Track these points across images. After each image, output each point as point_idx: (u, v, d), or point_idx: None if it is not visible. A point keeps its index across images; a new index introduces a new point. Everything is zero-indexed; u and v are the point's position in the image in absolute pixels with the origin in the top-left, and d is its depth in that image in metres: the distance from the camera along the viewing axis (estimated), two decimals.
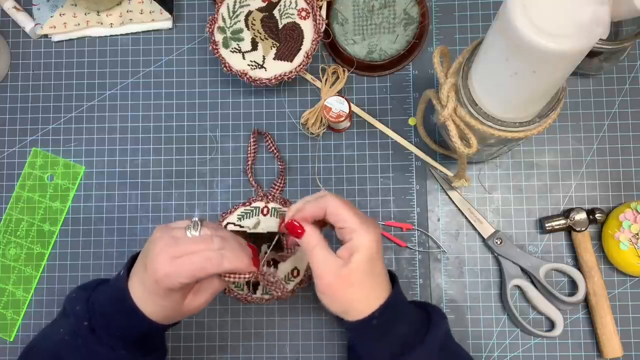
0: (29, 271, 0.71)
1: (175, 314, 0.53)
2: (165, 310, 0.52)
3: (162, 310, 0.52)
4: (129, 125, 0.73)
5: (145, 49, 0.74)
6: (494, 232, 0.67)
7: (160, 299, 0.51)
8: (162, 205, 0.71)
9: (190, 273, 0.49)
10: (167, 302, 0.51)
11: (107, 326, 0.52)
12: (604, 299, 0.64)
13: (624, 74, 0.69)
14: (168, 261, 0.49)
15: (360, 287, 0.50)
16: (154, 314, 0.51)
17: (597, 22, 0.41)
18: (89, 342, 0.51)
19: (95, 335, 0.51)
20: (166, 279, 0.49)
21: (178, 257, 0.49)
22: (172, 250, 0.49)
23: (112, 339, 0.52)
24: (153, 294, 0.50)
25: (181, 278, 0.49)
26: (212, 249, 0.50)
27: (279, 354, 0.68)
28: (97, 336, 0.51)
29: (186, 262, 0.49)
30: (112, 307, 0.52)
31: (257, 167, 0.71)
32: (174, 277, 0.49)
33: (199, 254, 0.49)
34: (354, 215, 0.50)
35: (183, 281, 0.49)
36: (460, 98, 0.53)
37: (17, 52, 0.74)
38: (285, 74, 0.67)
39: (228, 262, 0.50)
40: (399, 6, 0.70)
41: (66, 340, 0.52)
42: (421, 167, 0.70)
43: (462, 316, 0.67)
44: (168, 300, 0.51)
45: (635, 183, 0.68)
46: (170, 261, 0.49)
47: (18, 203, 0.72)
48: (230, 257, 0.50)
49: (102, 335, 0.52)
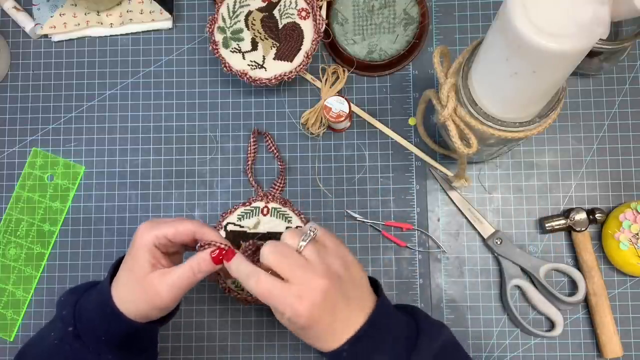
0: (29, 271, 0.71)
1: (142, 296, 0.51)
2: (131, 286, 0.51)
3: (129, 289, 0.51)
4: (129, 125, 0.73)
5: (145, 49, 0.74)
6: (494, 232, 0.67)
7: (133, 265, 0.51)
8: (162, 205, 0.71)
9: (170, 224, 0.51)
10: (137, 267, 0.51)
11: (93, 331, 0.51)
12: (604, 299, 0.64)
13: (624, 74, 0.69)
14: (150, 223, 0.52)
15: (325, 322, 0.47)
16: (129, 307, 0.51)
17: (597, 22, 0.41)
18: (75, 348, 0.51)
19: (81, 341, 0.51)
20: (145, 230, 0.51)
21: (160, 222, 0.52)
22: (156, 220, 0.53)
23: (97, 344, 0.51)
24: (129, 258, 0.52)
25: (161, 229, 0.51)
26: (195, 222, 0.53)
27: (279, 354, 0.68)
28: (82, 342, 0.51)
29: (167, 220, 0.52)
30: (96, 311, 0.52)
31: (257, 167, 0.71)
32: (154, 227, 0.51)
33: (181, 218, 0.53)
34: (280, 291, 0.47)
35: (163, 232, 0.51)
36: (460, 98, 0.53)
37: (17, 52, 0.74)
38: (285, 74, 0.67)
39: (209, 230, 0.52)
40: (399, 6, 0.70)
41: (56, 344, 0.52)
42: (421, 167, 0.70)
43: (462, 316, 0.67)
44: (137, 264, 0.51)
45: (635, 183, 0.68)
46: (152, 223, 0.52)
47: (18, 203, 0.72)
48: (213, 229, 0.53)
49: (88, 340, 0.51)
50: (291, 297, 0.46)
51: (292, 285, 0.47)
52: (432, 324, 0.52)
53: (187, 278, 0.51)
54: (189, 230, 0.52)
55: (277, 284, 0.47)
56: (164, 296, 0.51)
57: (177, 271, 0.51)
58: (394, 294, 0.68)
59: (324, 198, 0.70)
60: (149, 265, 0.51)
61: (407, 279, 0.68)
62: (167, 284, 0.51)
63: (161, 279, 0.51)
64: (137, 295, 0.51)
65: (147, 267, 0.51)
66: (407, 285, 0.68)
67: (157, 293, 0.51)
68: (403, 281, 0.68)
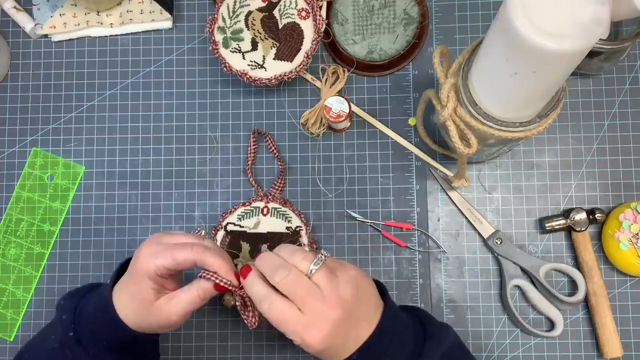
0: (29, 271, 0.71)
1: (151, 320, 0.51)
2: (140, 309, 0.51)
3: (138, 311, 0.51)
4: (129, 125, 0.73)
5: (145, 49, 0.74)
6: (494, 232, 0.67)
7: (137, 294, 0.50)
8: (162, 205, 0.71)
9: (170, 253, 0.49)
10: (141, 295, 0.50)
11: (93, 336, 0.51)
12: (604, 299, 0.64)
13: (624, 74, 0.69)
14: (154, 242, 0.50)
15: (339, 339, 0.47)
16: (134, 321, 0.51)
17: (597, 22, 0.41)
18: (75, 353, 0.51)
19: (82, 347, 0.51)
20: (146, 259, 0.49)
21: (162, 244, 0.50)
22: (161, 237, 0.51)
23: (98, 349, 0.51)
24: (131, 284, 0.50)
25: (161, 259, 0.49)
26: (200, 242, 0.51)
27: (279, 354, 0.68)
28: (83, 347, 0.51)
29: (169, 247, 0.50)
30: (96, 317, 0.51)
31: (257, 167, 0.71)
32: (154, 256, 0.49)
33: (185, 239, 0.50)
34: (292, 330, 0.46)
35: (162, 262, 0.49)
36: (460, 98, 0.53)
37: (17, 52, 0.74)
38: (285, 74, 0.67)
39: (211, 256, 0.50)
40: (399, 6, 0.70)
41: (56, 348, 0.52)
42: (421, 167, 0.70)
43: (462, 316, 0.67)
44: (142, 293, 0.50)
45: (635, 183, 0.68)
46: (156, 243, 0.50)
47: (18, 203, 0.72)
48: (214, 253, 0.50)
49: (88, 345, 0.51)
50: (302, 327, 0.46)
51: (304, 316, 0.46)
52: (438, 326, 0.52)
53: (196, 303, 0.51)
54: (189, 261, 0.50)
55: (288, 312, 0.46)
56: (176, 321, 0.51)
57: (185, 297, 0.51)
58: (394, 294, 0.68)
59: (324, 198, 0.70)
60: (153, 292, 0.51)
61: (407, 279, 0.68)
62: (178, 311, 0.51)
63: (170, 306, 0.51)
64: (145, 319, 0.51)
65: (151, 295, 0.51)
66: (407, 285, 0.68)
67: (168, 319, 0.51)
68: (403, 281, 0.68)
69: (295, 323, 0.46)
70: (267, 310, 0.47)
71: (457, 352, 0.52)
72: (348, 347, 0.47)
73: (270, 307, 0.47)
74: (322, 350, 0.46)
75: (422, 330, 0.51)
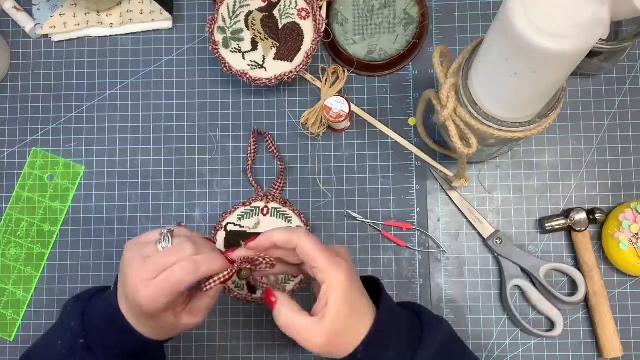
0: (29, 271, 0.71)
1: (171, 331, 0.53)
2: (158, 330, 0.51)
3: (155, 330, 0.51)
4: (129, 125, 0.73)
5: (145, 49, 0.74)
6: (494, 232, 0.67)
7: (152, 321, 0.50)
8: (162, 205, 0.71)
9: (169, 291, 0.47)
10: (159, 323, 0.50)
11: (103, 343, 0.51)
12: (604, 299, 0.64)
13: (624, 74, 0.69)
14: (145, 285, 0.47)
15: (343, 332, 0.48)
16: (149, 334, 0.51)
17: (597, 22, 0.41)
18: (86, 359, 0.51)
19: (92, 353, 0.51)
20: (149, 303, 0.48)
21: (153, 278, 0.47)
22: (145, 273, 0.48)
23: (109, 355, 0.51)
24: (142, 318, 0.50)
25: (162, 298, 0.47)
26: (185, 257, 0.48)
27: (279, 354, 0.68)
28: (93, 354, 0.51)
29: (162, 281, 0.47)
30: (106, 325, 0.51)
31: (257, 167, 0.71)
32: (155, 299, 0.47)
33: (174, 268, 0.48)
34: (322, 257, 0.48)
35: (165, 301, 0.48)
36: (460, 98, 0.53)
37: (17, 52, 0.74)
38: (285, 74, 0.67)
39: (204, 266, 0.49)
40: (399, 6, 0.70)
41: (64, 354, 0.51)
42: (421, 167, 0.70)
43: (462, 316, 0.67)
44: (159, 321, 0.50)
45: (635, 183, 0.68)
46: (147, 285, 0.47)
47: (18, 203, 0.72)
48: (205, 260, 0.49)
49: (99, 353, 0.51)
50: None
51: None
52: (434, 317, 0.53)
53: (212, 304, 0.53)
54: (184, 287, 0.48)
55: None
56: (196, 323, 0.52)
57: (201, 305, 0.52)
58: (394, 294, 0.68)
59: (324, 198, 0.70)
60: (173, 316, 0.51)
61: (407, 279, 0.68)
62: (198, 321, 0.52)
63: (190, 319, 0.52)
64: (160, 332, 0.52)
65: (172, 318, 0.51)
66: (407, 285, 0.68)
67: (187, 327, 0.52)
68: (403, 281, 0.68)
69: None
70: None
71: (454, 342, 0.53)
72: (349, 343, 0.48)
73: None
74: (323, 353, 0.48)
75: (418, 320, 0.51)
